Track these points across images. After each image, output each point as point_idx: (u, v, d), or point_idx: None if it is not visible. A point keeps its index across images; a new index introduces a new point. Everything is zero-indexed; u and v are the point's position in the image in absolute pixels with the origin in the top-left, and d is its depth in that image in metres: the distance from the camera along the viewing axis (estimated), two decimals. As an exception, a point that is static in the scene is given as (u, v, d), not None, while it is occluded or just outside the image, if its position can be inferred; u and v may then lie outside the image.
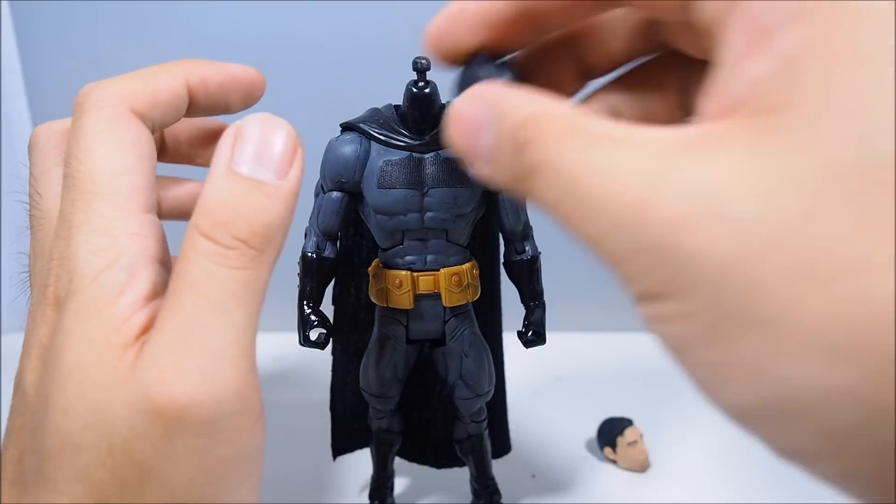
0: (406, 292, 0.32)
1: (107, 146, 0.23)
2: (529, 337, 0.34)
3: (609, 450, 0.43)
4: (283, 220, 0.22)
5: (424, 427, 0.40)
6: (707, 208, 0.14)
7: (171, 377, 0.20)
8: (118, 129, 0.23)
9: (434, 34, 0.22)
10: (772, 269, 0.14)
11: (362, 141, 0.31)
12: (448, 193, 0.31)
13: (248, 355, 0.21)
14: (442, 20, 0.22)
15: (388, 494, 0.38)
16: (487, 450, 0.37)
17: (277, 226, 0.22)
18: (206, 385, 0.20)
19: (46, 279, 0.22)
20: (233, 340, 0.21)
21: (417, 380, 0.37)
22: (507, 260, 0.34)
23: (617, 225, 0.16)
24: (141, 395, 0.20)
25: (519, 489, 0.41)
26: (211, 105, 0.27)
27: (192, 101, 0.26)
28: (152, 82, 0.25)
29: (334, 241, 0.33)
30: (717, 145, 0.15)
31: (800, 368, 0.13)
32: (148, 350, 0.20)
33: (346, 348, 0.38)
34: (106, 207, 0.22)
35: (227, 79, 0.27)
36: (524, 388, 0.50)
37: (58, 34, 0.54)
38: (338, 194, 0.32)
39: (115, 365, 0.20)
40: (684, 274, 0.15)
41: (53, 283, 0.22)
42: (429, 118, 0.31)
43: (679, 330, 0.15)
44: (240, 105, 0.28)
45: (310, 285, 0.33)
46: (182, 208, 0.30)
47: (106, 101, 0.24)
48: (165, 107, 0.25)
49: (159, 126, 0.26)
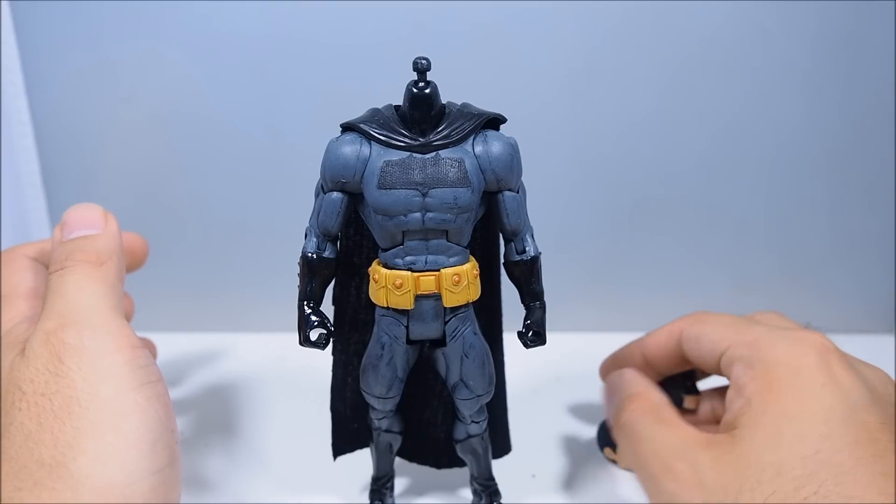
0: (406, 293, 0.32)
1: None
2: (529, 337, 0.34)
3: (609, 450, 0.43)
4: (109, 248, 0.34)
5: (424, 427, 0.40)
6: (692, 477, 0.30)
7: None
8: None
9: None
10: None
11: (362, 141, 0.31)
12: (448, 193, 0.31)
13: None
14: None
15: (388, 494, 0.38)
16: (487, 450, 0.37)
17: (106, 250, 0.34)
18: None
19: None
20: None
21: (417, 380, 0.37)
22: (507, 260, 0.34)
23: (649, 470, 0.33)
24: None
25: (519, 489, 0.41)
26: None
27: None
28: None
29: (334, 242, 0.33)
30: (712, 446, 0.31)
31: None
32: None
33: (346, 348, 0.38)
34: None
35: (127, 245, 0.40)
36: (524, 388, 0.50)
37: (58, 34, 0.54)
38: (338, 195, 0.32)
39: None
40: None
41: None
42: (429, 118, 0.31)
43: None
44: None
45: (310, 285, 0.33)
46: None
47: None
48: None
49: None
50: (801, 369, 0.32)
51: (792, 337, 0.33)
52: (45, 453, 0.27)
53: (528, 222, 0.34)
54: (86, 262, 0.33)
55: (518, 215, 0.33)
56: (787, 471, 0.28)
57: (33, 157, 0.57)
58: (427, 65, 0.30)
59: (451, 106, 0.32)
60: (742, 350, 0.34)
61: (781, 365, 0.32)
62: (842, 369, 0.32)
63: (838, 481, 0.27)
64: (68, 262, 0.33)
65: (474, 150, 0.31)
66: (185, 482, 0.42)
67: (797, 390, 0.31)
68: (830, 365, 0.32)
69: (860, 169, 0.57)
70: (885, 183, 0.57)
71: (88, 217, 0.35)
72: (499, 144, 0.32)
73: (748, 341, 0.34)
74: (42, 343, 0.30)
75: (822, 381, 0.31)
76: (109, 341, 0.30)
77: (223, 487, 0.42)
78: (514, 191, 0.32)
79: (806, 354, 0.32)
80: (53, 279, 0.32)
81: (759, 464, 0.29)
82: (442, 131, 0.31)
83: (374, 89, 0.33)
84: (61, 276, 0.32)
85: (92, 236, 0.34)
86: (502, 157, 0.31)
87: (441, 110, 0.31)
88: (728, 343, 0.35)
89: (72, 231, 0.34)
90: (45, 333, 0.30)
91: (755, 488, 0.28)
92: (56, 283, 0.32)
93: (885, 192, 0.57)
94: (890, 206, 0.57)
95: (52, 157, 0.57)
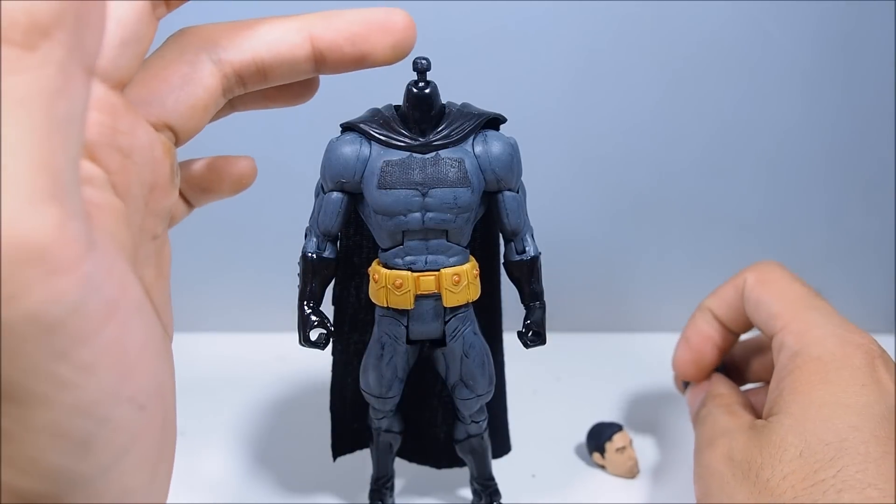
0: (406, 293, 0.32)
1: None
2: (529, 337, 0.34)
3: (598, 455, 0.43)
4: (61, 3, 0.16)
5: (424, 427, 0.40)
6: (726, 452, 0.33)
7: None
8: None
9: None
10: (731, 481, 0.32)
11: (362, 141, 0.31)
12: (448, 193, 0.31)
13: (26, 184, 0.15)
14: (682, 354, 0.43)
15: (388, 494, 0.38)
16: (487, 450, 0.37)
17: (52, 10, 0.15)
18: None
19: None
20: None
21: (417, 380, 0.37)
22: (507, 260, 0.34)
23: (698, 446, 0.36)
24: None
25: (519, 489, 0.40)
26: (348, 60, 0.25)
27: (323, 58, 0.24)
28: (266, 35, 0.24)
29: (334, 242, 0.33)
30: (752, 428, 0.33)
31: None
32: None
33: (346, 348, 0.38)
34: None
35: (362, 29, 0.24)
36: (524, 388, 0.50)
37: (58, 34, 0.54)
38: (338, 195, 0.32)
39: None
40: None
41: None
42: (429, 118, 0.31)
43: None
44: (384, 55, 0.25)
45: (310, 285, 0.33)
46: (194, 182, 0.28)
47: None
48: (279, 63, 0.24)
49: (271, 79, 0.24)
50: (845, 368, 0.32)
51: (843, 338, 0.33)
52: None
53: (527, 222, 0.34)
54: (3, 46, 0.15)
55: (518, 215, 0.33)
56: (810, 454, 0.29)
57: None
58: (427, 65, 0.30)
59: (451, 106, 0.32)
60: (791, 339, 0.34)
61: (825, 362, 0.32)
62: (886, 373, 0.32)
63: (860, 468, 0.28)
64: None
65: (474, 150, 0.31)
66: (186, 482, 0.42)
67: (835, 384, 0.31)
68: (875, 367, 0.32)
69: (860, 169, 0.57)
70: (885, 183, 0.57)
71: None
72: (499, 144, 0.32)
73: (799, 330, 0.34)
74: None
75: (863, 382, 0.31)
76: None
77: (223, 487, 0.42)
78: (514, 191, 0.32)
79: (853, 356, 0.32)
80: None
81: (783, 444, 0.30)
82: (442, 131, 0.31)
83: (374, 89, 0.33)
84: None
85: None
86: (502, 156, 0.31)
87: (441, 110, 0.31)
88: (783, 324, 0.35)
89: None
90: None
91: (775, 466, 0.30)
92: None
93: (884, 192, 0.57)
94: (890, 206, 0.57)
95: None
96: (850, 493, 0.27)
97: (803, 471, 0.29)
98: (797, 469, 0.29)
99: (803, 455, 0.30)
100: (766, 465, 0.30)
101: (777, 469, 0.30)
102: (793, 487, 0.29)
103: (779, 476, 0.29)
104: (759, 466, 0.30)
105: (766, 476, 0.30)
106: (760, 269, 0.39)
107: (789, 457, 0.30)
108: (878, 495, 0.27)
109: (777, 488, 0.29)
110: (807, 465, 0.29)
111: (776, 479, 0.29)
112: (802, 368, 0.33)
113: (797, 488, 0.29)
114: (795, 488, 0.29)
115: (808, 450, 0.30)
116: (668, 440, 0.46)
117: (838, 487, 0.28)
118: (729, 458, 0.32)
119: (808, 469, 0.29)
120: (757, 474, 0.30)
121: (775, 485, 0.29)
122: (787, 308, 0.36)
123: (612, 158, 0.57)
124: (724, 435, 0.34)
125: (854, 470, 0.28)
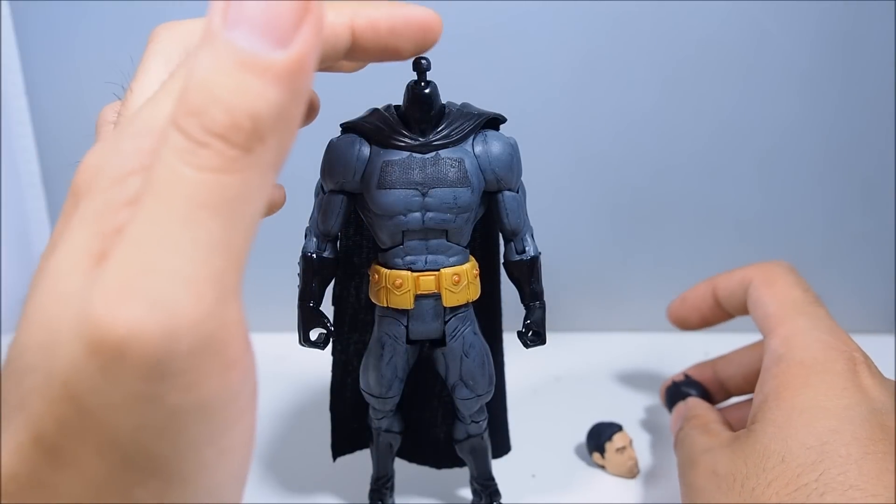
0: (406, 292, 0.32)
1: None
2: (529, 337, 0.34)
3: (597, 455, 0.43)
4: (280, 109, 0.16)
5: (424, 427, 0.39)
6: (709, 468, 0.33)
7: (114, 299, 0.15)
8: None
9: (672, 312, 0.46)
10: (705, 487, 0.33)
11: (362, 141, 0.31)
12: (448, 193, 0.31)
13: (218, 280, 0.16)
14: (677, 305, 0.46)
15: (388, 494, 0.38)
16: (487, 450, 0.37)
17: (272, 116, 0.16)
18: (156, 313, 0.15)
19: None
20: (197, 261, 0.16)
21: (417, 380, 0.37)
22: (507, 260, 0.34)
23: (682, 469, 0.36)
24: (82, 316, 0.15)
25: (519, 489, 0.40)
26: (379, 49, 0.24)
27: (356, 44, 0.23)
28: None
29: (334, 242, 0.33)
30: (733, 441, 0.33)
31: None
32: (104, 263, 0.16)
33: (346, 348, 0.38)
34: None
35: (401, 22, 0.23)
36: (524, 388, 0.50)
37: (58, 34, 0.54)
38: (338, 195, 0.32)
39: (85, 274, 0.16)
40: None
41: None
42: (429, 118, 0.31)
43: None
44: (411, 51, 0.24)
45: (310, 285, 0.33)
46: None
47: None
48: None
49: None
50: (826, 372, 0.32)
51: (827, 343, 0.34)
52: None
53: (527, 222, 0.34)
54: (222, 144, 0.16)
55: (518, 215, 0.33)
56: (791, 459, 0.29)
57: (33, 157, 0.57)
58: (427, 65, 0.30)
59: (451, 106, 0.32)
60: (777, 342, 0.35)
61: (807, 366, 0.33)
62: (869, 378, 0.32)
63: (842, 470, 0.28)
64: (192, 127, 0.16)
65: (474, 149, 0.31)
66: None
67: (816, 388, 0.32)
68: (858, 373, 0.32)
69: (860, 169, 0.57)
70: (885, 183, 0.57)
71: (273, 14, 0.16)
72: (499, 144, 0.32)
73: (786, 335, 0.35)
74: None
75: (844, 385, 0.32)
76: None
77: (223, 487, 0.42)
78: (514, 191, 0.32)
79: (835, 361, 0.33)
80: (156, 166, 0.16)
81: (766, 452, 0.31)
82: (442, 131, 0.31)
83: (375, 89, 0.33)
84: (169, 167, 0.16)
85: (256, 73, 0.16)
86: (502, 156, 0.32)
87: (441, 110, 0.31)
88: (773, 326, 0.36)
89: (241, 23, 0.16)
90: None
91: (759, 475, 0.30)
92: (152, 179, 0.16)
93: (884, 192, 0.57)
94: (889, 206, 0.57)
95: (52, 157, 0.57)
96: (833, 495, 0.28)
97: (786, 476, 0.29)
98: (780, 475, 0.29)
99: (785, 460, 0.30)
100: (751, 475, 0.30)
101: (762, 477, 0.30)
102: (777, 493, 0.29)
103: (763, 484, 0.30)
104: (744, 477, 0.31)
105: (752, 485, 0.30)
106: (767, 269, 0.40)
107: (772, 464, 0.30)
108: (861, 496, 0.27)
109: (762, 496, 0.29)
110: (789, 471, 0.29)
111: (761, 486, 0.30)
112: (786, 373, 0.33)
113: (781, 494, 0.29)
114: (780, 494, 0.29)
115: (790, 455, 0.30)
116: (668, 440, 0.46)
117: (821, 490, 0.28)
118: (713, 474, 0.32)
119: (791, 474, 0.29)
120: (742, 484, 0.30)
121: (760, 492, 0.29)
122: (780, 311, 0.36)
123: (612, 158, 0.57)
124: (704, 453, 0.34)
125: (836, 472, 0.28)
